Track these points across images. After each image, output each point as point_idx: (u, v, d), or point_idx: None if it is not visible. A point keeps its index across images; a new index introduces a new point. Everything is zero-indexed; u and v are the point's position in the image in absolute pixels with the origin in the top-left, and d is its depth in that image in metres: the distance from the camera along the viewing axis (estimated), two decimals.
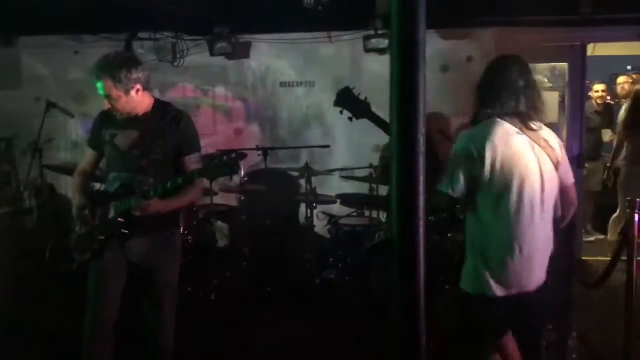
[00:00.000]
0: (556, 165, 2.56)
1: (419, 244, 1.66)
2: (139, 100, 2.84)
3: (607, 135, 6.78)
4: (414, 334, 1.59)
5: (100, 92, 2.79)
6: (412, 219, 1.64)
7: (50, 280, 4.73)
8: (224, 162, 2.62)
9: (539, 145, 2.52)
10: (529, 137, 2.51)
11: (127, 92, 2.77)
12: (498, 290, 2.53)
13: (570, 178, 2.68)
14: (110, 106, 2.82)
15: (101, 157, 3.05)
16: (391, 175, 1.68)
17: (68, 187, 4.31)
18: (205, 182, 3.79)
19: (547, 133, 2.59)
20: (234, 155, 2.70)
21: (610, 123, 6.82)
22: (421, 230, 1.63)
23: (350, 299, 4.52)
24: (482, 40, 5.71)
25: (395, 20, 1.65)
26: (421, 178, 1.66)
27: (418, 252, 1.65)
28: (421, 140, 1.69)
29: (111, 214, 2.84)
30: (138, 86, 2.80)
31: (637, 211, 3.19)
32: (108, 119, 2.93)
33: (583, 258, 6.00)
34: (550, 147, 2.56)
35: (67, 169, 4.67)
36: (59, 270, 4.35)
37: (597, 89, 6.85)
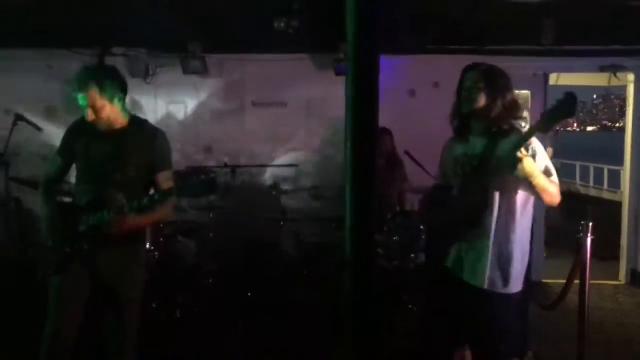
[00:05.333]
0: None
1: (371, 263, 1.75)
2: (120, 111, 2.86)
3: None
4: (370, 349, 1.67)
5: (83, 103, 2.76)
6: (365, 236, 1.73)
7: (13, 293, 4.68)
8: (202, 181, 2.62)
9: None
10: None
11: (111, 101, 2.78)
12: None
13: None
14: (94, 117, 2.79)
15: (70, 167, 3.02)
16: (345, 196, 1.76)
17: (34, 201, 4.26)
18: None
19: None
20: (212, 175, 2.69)
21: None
22: (373, 248, 1.71)
23: (317, 316, 4.57)
24: (448, 66, 5.88)
25: (352, 48, 1.75)
26: (374, 200, 1.75)
27: (370, 270, 1.74)
28: (374, 163, 1.78)
29: (81, 227, 2.79)
30: (121, 95, 2.83)
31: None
32: (82, 130, 2.89)
33: (544, 281, 6.15)
34: None
35: (33, 183, 4.63)
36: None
37: None
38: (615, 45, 5.89)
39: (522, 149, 2.39)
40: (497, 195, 2.61)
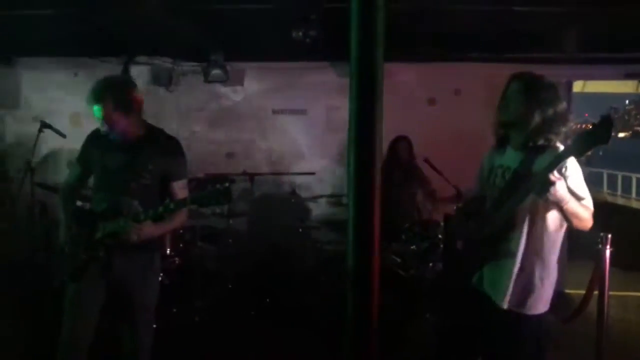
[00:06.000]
0: None
1: (375, 277, 1.75)
2: (135, 123, 2.91)
3: None
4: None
5: (98, 114, 2.81)
6: (368, 248, 1.73)
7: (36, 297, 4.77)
8: (218, 191, 2.66)
9: None
10: None
11: (126, 114, 2.83)
12: None
13: None
14: (108, 129, 2.85)
15: (89, 175, 3.09)
16: (349, 206, 1.76)
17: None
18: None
19: None
20: (227, 184, 2.71)
21: None
22: (377, 262, 1.72)
23: (334, 324, 4.56)
24: (470, 74, 5.86)
25: (354, 60, 1.75)
26: (378, 211, 1.75)
27: (374, 285, 1.74)
28: (378, 175, 1.78)
29: (98, 235, 2.84)
30: (136, 108, 2.88)
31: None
32: (100, 139, 2.95)
33: (566, 291, 6.04)
34: None
35: (58, 189, 4.73)
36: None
37: None
38: None
39: (555, 172, 2.27)
40: (528, 215, 2.51)
